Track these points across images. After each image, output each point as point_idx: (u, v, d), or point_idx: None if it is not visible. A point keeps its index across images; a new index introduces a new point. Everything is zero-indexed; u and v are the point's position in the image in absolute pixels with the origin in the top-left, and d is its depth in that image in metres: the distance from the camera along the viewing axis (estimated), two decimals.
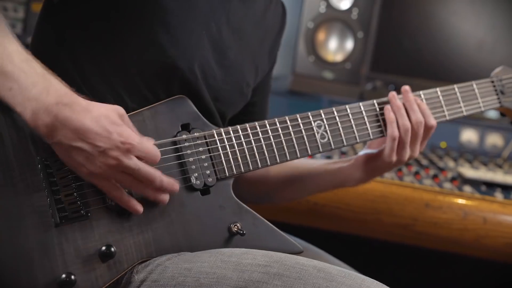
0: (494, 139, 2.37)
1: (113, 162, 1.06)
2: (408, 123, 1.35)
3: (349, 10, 2.49)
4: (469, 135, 2.38)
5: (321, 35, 2.51)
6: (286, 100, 2.43)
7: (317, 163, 1.53)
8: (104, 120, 1.07)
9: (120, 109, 1.11)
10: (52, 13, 1.26)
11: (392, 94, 1.39)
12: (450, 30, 2.47)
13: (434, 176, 1.92)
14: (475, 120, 2.38)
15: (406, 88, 1.39)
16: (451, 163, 2.12)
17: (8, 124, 1.10)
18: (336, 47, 2.51)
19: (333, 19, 2.50)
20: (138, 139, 1.09)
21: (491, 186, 1.91)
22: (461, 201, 1.78)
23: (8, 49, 1.07)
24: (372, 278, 1.15)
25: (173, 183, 1.15)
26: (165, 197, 1.15)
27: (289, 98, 2.44)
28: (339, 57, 2.51)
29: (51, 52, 1.24)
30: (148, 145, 1.11)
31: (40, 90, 1.05)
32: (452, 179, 1.92)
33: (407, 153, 1.36)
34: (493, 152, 2.34)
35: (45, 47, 1.26)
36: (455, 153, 2.24)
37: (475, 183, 1.90)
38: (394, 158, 1.36)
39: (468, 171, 1.96)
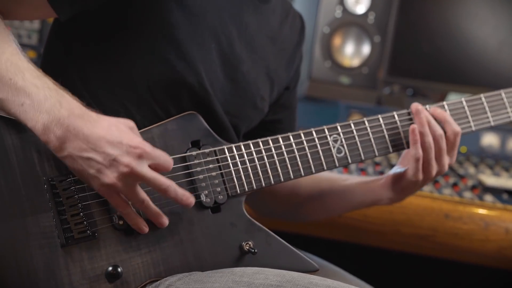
0: None
1: (125, 169, 1.04)
2: (430, 140, 1.30)
3: (365, 14, 2.44)
4: (490, 139, 2.32)
5: (337, 40, 2.47)
6: (303, 106, 2.36)
7: (350, 180, 1.48)
8: (115, 129, 1.06)
9: (130, 122, 1.10)
10: (61, 30, 1.26)
11: (416, 109, 1.32)
12: (470, 33, 2.42)
13: (454, 185, 1.87)
14: None
15: (418, 108, 1.32)
16: (471, 169, 2.07)
17: (14, 145, 1.09)
18: (353, 52, 2.47)
19: (349, 23, 2.45)
20: (150, 145, 1.07)
21: None
22: (482, 211, 1.73)
23: (20, 66, 1.07)
24: None
25: (189, 196, 1.11)
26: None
27: (306, 104, 2.40)
28: (355, 62, 2.46)
29: (60, 67, 1.24)
30: (160, 151, 1.08)
31: (53, 103, 1.04)
32: (473, 187, 1.87)
33: (434, 169, 1.32)
34: None
35: (55, 62, 1.26)
36: (476, 158, 2.18)
37: (496, 192, 1.85)
38: (420, 176, 1.32)
39: (489, 179, 1.91)
